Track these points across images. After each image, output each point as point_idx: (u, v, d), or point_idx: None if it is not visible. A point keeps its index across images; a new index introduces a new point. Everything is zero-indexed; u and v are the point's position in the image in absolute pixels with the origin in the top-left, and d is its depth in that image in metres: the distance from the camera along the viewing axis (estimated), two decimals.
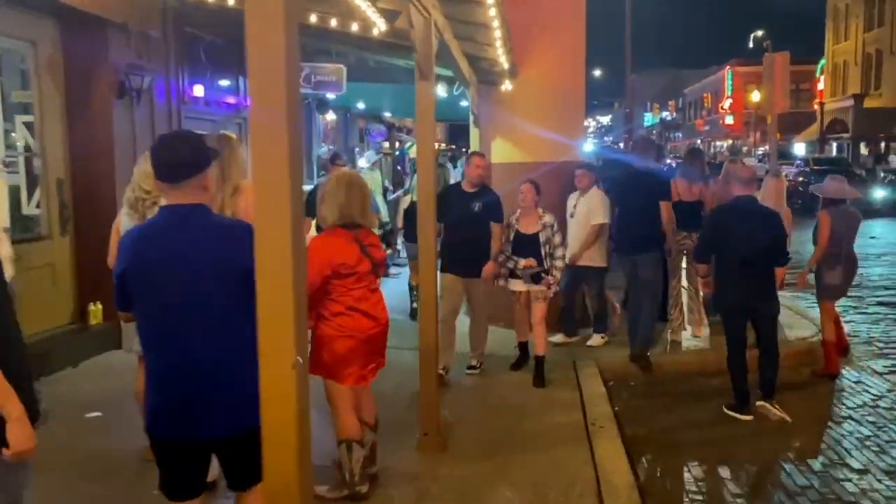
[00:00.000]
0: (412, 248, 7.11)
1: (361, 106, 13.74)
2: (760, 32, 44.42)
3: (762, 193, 7.59)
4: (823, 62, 41.61)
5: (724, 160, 9.21)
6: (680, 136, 66.99)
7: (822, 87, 38.82)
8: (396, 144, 19.88)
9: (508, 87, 7.34)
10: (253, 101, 1.82)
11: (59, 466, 3.96)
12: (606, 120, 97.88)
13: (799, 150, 37.73)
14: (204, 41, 8.13)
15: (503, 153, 7.53)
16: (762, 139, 45.12)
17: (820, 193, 6.59)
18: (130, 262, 2.40)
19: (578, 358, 6.40)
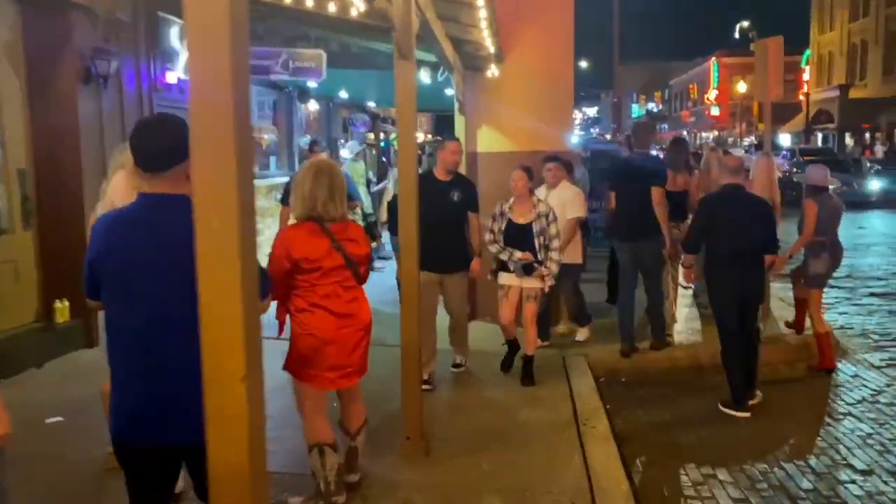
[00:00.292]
0: (397, 241, 6.85)
1: (344, 95, 13.36)
2: (746, 23, 44.44)
3: (753, 172, 7.40)
4: (809, 53, 41.60)
5: (705, 150, 8.98)
6: (666, 127, 66.97)
7: (807, 77, 38.80)
8: (381, 135, 19.55)
9: (495, 72, 7.07)
10: (192, 74, 1.54)
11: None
12: (593, 112, 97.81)
13: (784, 140, 37.73)
14: (178, 25, 7.79)
15: (490, 142, 7.28)
16: (748, 130, 45.20)
17: (805, 181, 6.52)
18: (104, 248, 2.24)
19: (567, 354, 6.18)
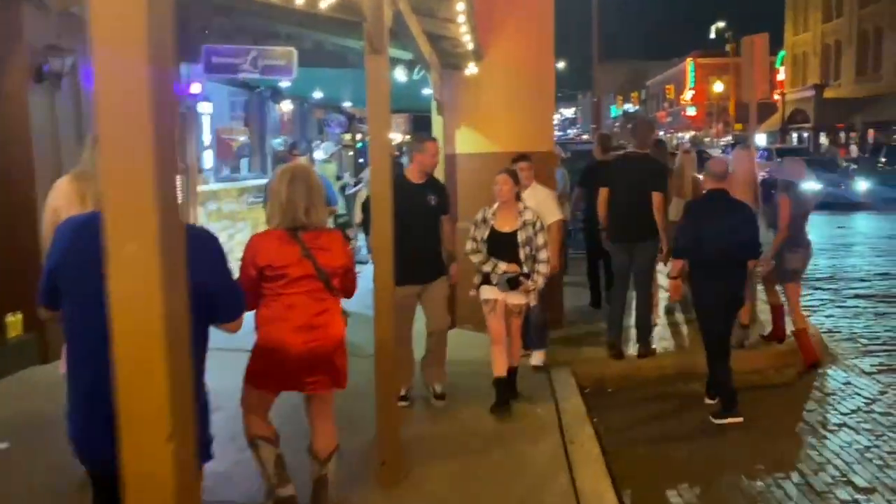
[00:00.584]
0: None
1: (319, 95, 13.02)
2: (722, 24, 44.66)
3: (732, 166, 7.23)
4: (783, 53, 41.93)
5: (677, 151, 8.81)
6: None
7: (782, 77, 39.08)
8: (358, 136, 19.18)
9: (474, 70, 6.79)
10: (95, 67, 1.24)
11: None
12: (570, 112, 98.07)
13: (760, 140, 37.93)
14: None
15: (469, 143, 6.99)
16: (724, 130, 45.44)
17: (780, 176, 6.48)
18: (66, 255, 2.11)
19: (552, 364, 5.91)
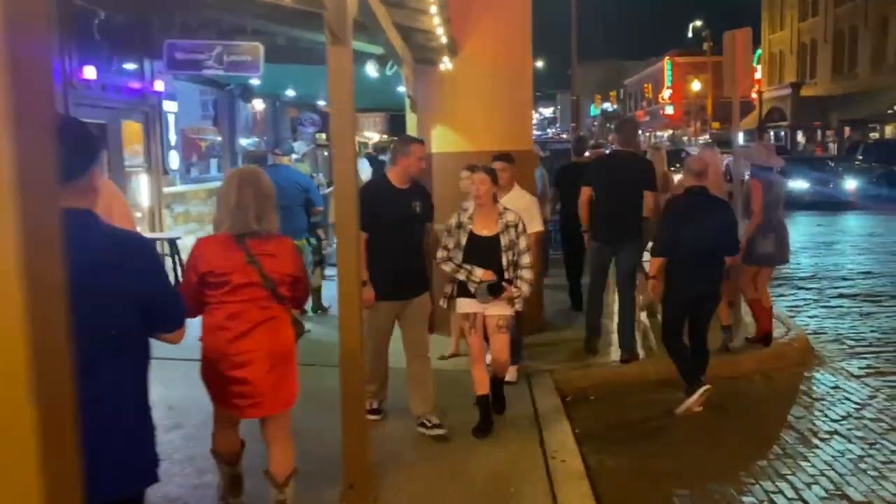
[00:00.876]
0: None
1: (292, 93, 12.69)
2: (699, 23, 44.83)
3: None
4: (760, 52, 42.14)
5: (647, 149, 8.66)
6: None
7: (759, 76, 39.25)
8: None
9: (448, 66, 6.52)
10: None
11: None
12: (549, 112, 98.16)
13: (738, 138, 38.05)
14: (98, 16, 7.07)
15: (445, 142, 6.72)
16: (702, 129, 45.61)
17: (750, 161, 6.48)
18: None
19: (532, 371, 5.67)
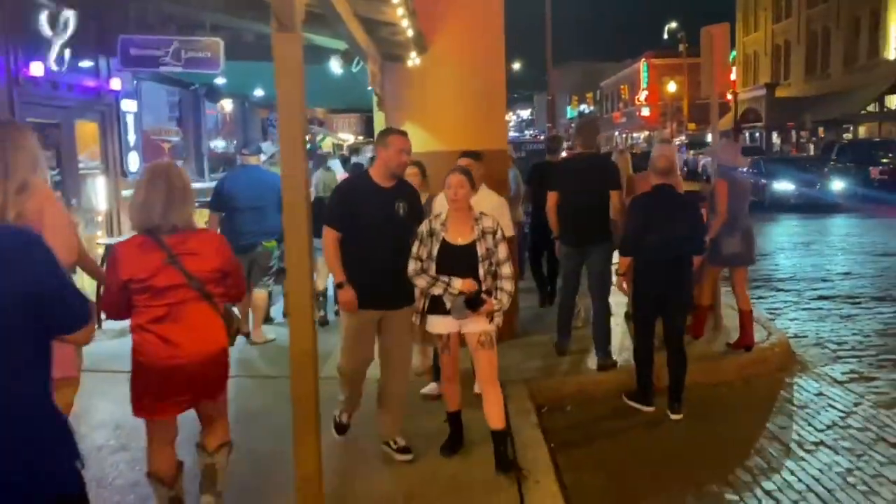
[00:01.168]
0: (318, 242, 5.97)
1: (261, 93, 12.32)
2: (675, 24, 45.06)
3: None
4: (734, 53, 42.41)
5: (612, 151, 8.55)
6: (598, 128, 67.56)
7: (734, 77, 39.45)
8: (307, 137, 18.50)
9: (417, 62, 6.25)
10: None
11: None
12: (527, 114, 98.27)
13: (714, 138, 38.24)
14: (48, 9, 6.70)
15: (415, 141, 6.29)
16: (678, 130, 45.78)
17: (716, 160, 6.40)
18: None
19: (505, 381, 5.39)
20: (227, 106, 12.92)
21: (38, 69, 6.39)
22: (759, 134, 37.95)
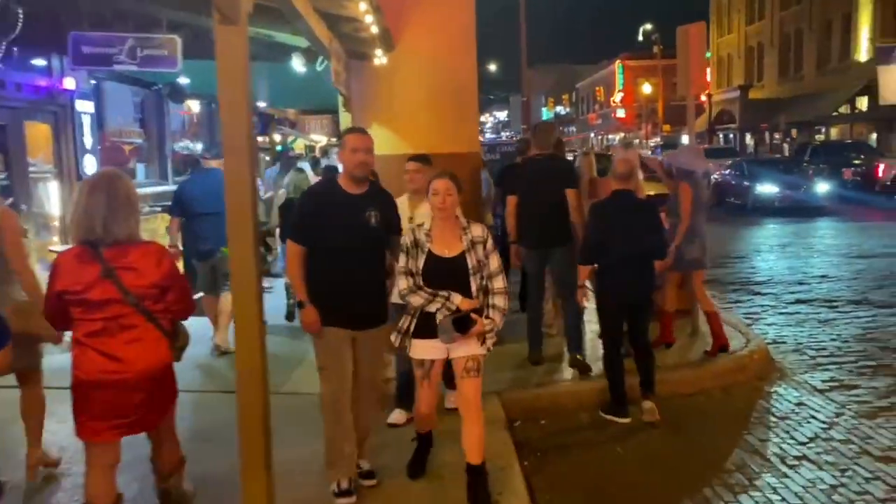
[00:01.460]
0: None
1: None
2: (649, 26, 45.29)
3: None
4: (709, 55, 42.71)
5: (576, 154, 8.49)
6: (574, 129, 67.80)
7: (708, 78, 39.71)
8: (278, 139, 18.09)
9: (384, 61, 6.00)
10: None
11: None
12: (503, 115, 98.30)
13: (687, 141, 38.45)
14: None
15: (384, 143, 6.11)
16: (654, 131, 46.00)
17: (677, 164, 6.36)
18: None
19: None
20: (194, 107, 12.54)
21: None
22: (732, 135, 38.22)
